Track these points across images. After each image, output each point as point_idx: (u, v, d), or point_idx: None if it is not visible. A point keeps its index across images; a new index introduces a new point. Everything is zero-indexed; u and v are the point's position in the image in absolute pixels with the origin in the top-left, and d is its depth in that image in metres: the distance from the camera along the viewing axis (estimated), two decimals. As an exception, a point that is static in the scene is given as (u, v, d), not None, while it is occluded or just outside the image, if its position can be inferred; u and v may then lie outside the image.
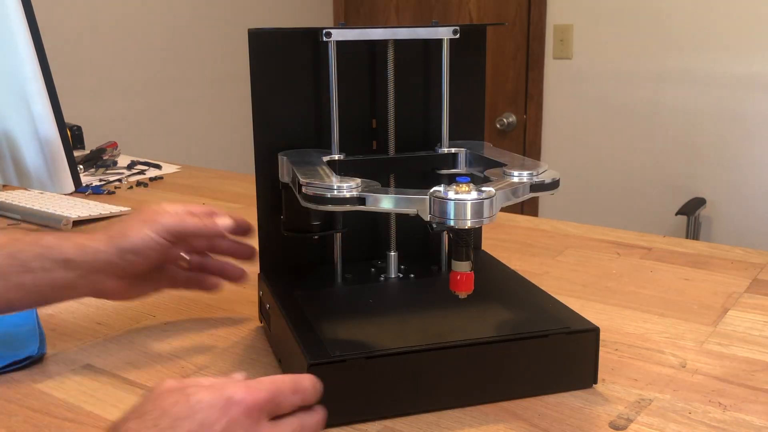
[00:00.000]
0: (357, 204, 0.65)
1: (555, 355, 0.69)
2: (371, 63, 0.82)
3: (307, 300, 0.76)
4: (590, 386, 0.70)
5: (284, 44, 0.79)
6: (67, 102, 1.08)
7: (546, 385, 0.69)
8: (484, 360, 0.67)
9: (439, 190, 0.62)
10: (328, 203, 0.65)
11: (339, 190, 0.65)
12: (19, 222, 1.31)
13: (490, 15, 3.03)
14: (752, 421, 0.65)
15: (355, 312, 0.75)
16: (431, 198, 0.62)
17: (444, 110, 0.81)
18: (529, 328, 0.70)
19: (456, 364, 0.67)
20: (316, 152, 0.79)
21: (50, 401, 0.70)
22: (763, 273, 1.00)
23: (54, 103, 1.01)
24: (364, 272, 0.84)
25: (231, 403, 0.51)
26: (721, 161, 2.63)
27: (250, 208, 0.80)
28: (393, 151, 0.82)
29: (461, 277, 0.66)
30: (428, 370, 0.66)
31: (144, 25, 2.67)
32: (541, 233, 1.20)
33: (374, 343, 0.67)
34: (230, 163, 2.79)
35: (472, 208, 0.61)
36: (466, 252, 0.66)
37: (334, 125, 0.78)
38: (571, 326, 0.70)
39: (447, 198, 0.61)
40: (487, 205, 0.62)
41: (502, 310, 0.76)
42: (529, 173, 0.69)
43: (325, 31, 0.75)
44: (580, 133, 2.91)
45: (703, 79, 2.60)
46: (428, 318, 0.74)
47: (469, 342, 0.67)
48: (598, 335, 0.70)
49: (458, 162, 0.82)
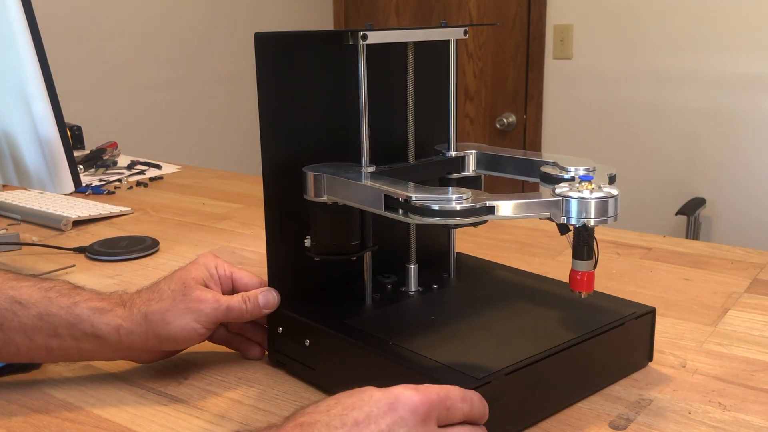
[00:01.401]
0: (486, 214, 0.61)
1: (627, 340, 0.72)
2: (384, 67, 0.77)
3: (370, 325, 0.70)
4: (646, 365, 0.75)
5: (295, 48, 0.72)
6: (67, 102, 1.08)
7: (619, 370, 0.72)
8: (583, 357, 0.69)
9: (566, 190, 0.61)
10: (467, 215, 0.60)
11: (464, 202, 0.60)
12: (19, 222, 1.31)
13: (490, 15, 3.03)
14: (752, 421, 0.65)
15: (435, 330, 0.70)
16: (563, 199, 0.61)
17: (451, 113, 0.80)
18: (604, 320, 0.71)
19: (565, 366, 0.67)
20: (345, 166, 0.72)
21: (50, 401, 0.70)
22: (763, 273, 1.00)
23: (54, 103, 1.01)
24: (381, 289, 0.79)
25: (398, 400, 0.51)
26: (721, 161, 2.63)
27: (250, 208, 0.79)
28: (412, 159, 0.79)
29: (581, 276, 0.65)
30: (549, 376, 0.66)
31: (144, 25, 2.67)
32: (541, 233, 1.20)
33: (497, 359, 0.63)
34: (230, 163, 2.79)
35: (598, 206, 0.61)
36: (589, 250, 0.64)
37: (364, 135, 0.71)
38: (635, 311, 0.73)
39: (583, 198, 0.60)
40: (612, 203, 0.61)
41: (563, 309, 0.75)
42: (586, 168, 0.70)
43: (361, 34, 0.69)
44: (580, 133, 2.91)
45: (703, 79, 2.60)
46: (512, 326, 0.72)
47: (575, 341, 0.67)
48: (654, 315, 0.75)
49: (467, 164, 0.81)
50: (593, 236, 0.64)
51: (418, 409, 0.51)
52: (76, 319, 0.68)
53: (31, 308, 0.68)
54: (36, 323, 0.68)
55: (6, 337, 0.68)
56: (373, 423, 0.50)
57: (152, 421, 0.66)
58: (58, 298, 0.69)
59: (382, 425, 0.50)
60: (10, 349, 0.69)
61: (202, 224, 1.29)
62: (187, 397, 0.70)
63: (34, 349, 0.69)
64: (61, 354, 0.70)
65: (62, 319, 0.68)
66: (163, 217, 1.34)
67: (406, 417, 0.51)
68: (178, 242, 1.18)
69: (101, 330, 0.69)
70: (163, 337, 0.69)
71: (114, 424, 0.66)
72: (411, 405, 0.51)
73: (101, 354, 0.71)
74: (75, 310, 0.69)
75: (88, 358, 0.73)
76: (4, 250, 1.15)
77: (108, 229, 1.26)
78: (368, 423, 0.50)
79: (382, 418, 0.50)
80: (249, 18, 2.98)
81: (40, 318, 0.68)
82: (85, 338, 0.69)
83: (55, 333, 0.68)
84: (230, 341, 0.78)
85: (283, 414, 0.66)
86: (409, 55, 0.76)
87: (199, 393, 0.71)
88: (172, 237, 1.21)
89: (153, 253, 1.13)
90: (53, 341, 0.69)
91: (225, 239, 1.20)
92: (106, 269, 1.06)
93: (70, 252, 1.13)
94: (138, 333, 0.69)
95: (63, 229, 1.25)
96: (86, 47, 2.49)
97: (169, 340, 0.70)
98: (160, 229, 1.25)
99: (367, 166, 0.72)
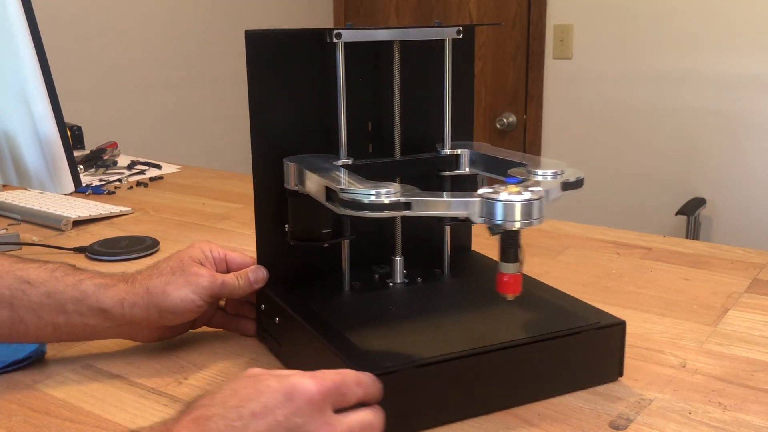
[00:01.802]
0: (403, 209, 0.62)
1: (586, 350, 0.70)
2: (373, 64, 0.81)
3: (327, 310, 0.74)
4: (616, 379, 0.72)
5: (283, 46, 0.76)
6: (67, 102, 1.08)
7: (578, 380, 0.70)
8: (524, 360, 0.67)
9: (489, 192, 0.61)
10: (366, 209, 0.62)
11: (378, 196, 0.62)
12: (19, 222, 1.31)
13: (490, 15, 3.03)
14: (752, 421, 0.65)
15: (383, 320, 0.73)
16: (483, 200, 0.61)
17: (446, 111, 0.80)
18: (560, 326, 0.70)
19: (498, 367, 0.66)
20: (323, 157, 0.76)
21: (50, 401, 0.70)
22: (763, 273, 1.00)
23: (54, 103, 1.01)
24: (368, 278, 0.82)
25: (295, 390, 0.52)
26: (721, 161, 2.63)
27: (250, 208, 0.80)
28: (398, 154, 0.81)
29: (509, 278, 0.65)
30: (473, 375, 0.65)
31: (144, 25, 2.67)
32: (541, 233, 1.20)
33: (418, 351, 0.65)
34: (230, 163, 2.79)
35: (523, 208, 0.60)
36: (514, 253, 0.65)
37: (341, 129, 0.76)
38: (600, 321, 0.71)
39: (498, 199, 0.60)
40: (536, 205, 0.61)
41: (527, 310, 0.75)
42: (553, 172, 0.69)
43: (335, 32, 0.73)
44: (580, 133, 2.91)
45: (702, 79, 2.60)
46: (460, 322, 0.73)
47: (511, 344, 0.67)
48: (624, 329, 0.72)
49: (461, 163, 0.82)
50: (519, 239, 0.64)
51: (314, 398, 0.52)
52: (83, 294, 0.72)
53: (39, 287, 0.72)
54: (44, 301, 0.71)
55: (16, 316, 0.71)
56: (270, 414, 0.51)
57: (152, 421, 0.66)
58: (64, 277, 0.73)
59: (279, 416, 0.51)
60: (20, 327, 0.72)
61: (202, 224, 1.29)
62: (187, 397, 0.70)
63: (42, 327, 0.72)
64: (67, 331, 0.73)
65: (69, 296, 0.72)
66: (163, 217, 1.34)
67: (302, 407, 0.52)
68: (178, 242, 1.18)
69: (106, 303, 0.72)
70: (164, 309, 0.73)
71: (114, 424, 0.66)
72: (307, 395, 0.52)
73: (105, 330, 0.74)
74: (81, 286, 0.72)
75: (91, 334, 0.76)
76: (4, 250, 1.15)
77: (108, 229, 1.26)
78: (265, 414, 0.51)
79: (279, 409, 0.51)
80: (249, 18, 2.98)
81: (48, 296, 0.72)
82: (91, 313, 0.72)
83: (62, 309, 0.72)
84: (228, 323, 0.83)
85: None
86: (395, 54, 0.78)
87: (199, 393, 0.71)
88: (172, 237, 1.21)
89: (153, 253, 1.13)
90: (60, 318, 0.72)
91: (225, 239, 1.20)
92: (106, 269, 1.06)
93: (70, 252, 1.13)
94: (140, 305, 0.73)
95: (63, 229, 1.25)
96: (86, 47, 2.49)
97: (169, 311, 0.73)
98: (160, 229, 1.25)
99: (345, 158, 0.76)
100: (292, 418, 0.51)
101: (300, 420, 0.52)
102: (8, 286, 0.71)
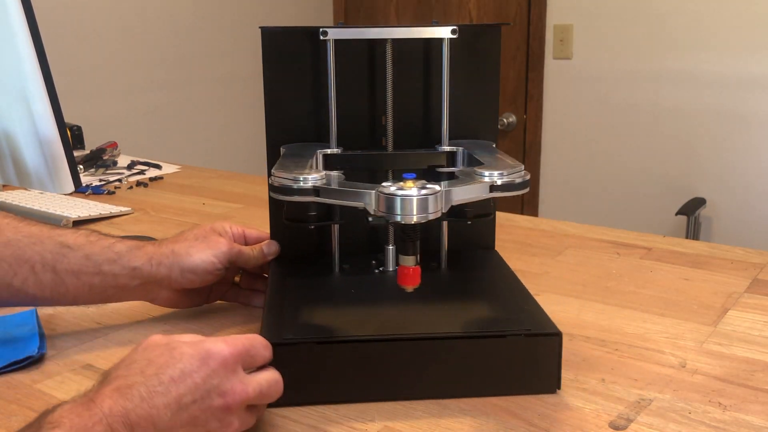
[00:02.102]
0: (313, 195, 0.69)
1: (513, 356, 0.68)
2: (376, 61, 0.84)
3: (295, 286, 0.80)
4: (554, 392, 0.69)
5: (295, 42, 0.82)
6: (67, 102, 1.08)
7: (506, 386, 0.69)
8: (437, 355, 0.68)
9: (387, 186, 0.65)
10: (289, 194, 0.69)
11: (301, 182, 0.69)
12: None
13: (490, 15, 3.03)
14: (752, 421, 0.65)
15: (331, 300, 0.78)
16: (377, 193, 0.65)
17: (444, 109, 0.81)
18: (491, 327, 0.70)
19: (407, 357, 0.68)
20: (315, 146, 0.82)
21: (50, 401, 0.70)
22: (763, 273, 1.00)
23: (54, 103, 1.01)
24: (365, 265, 0.86)
25: (209, 355, 0.57)
26: (721, 161, 2.63)
27: (250, 208, 0.80)
28: (391, 148, 0.84)
29: (407, 271, 0.69)
30: (378, 360, 0.68)
31: (144, 25, 2.67)
32: (541, 233, 1.20)
33: (330, 330, 0.70)
34: (230, 163, 2.79)
35: (418, 203, 0.63)
36: (412, 247, 0.68)
37: (332, 120, 0.81)
38: (532, 329, 0.69)
39: (393, 194, 0.64)
40: (432, 201, 0.64)
41: (476, 308, 0.77)
42: (499, 173, 0.70)
43: (321, 30, 0.78)
44: (580, 133, 2.92)
45: (703, 79, 2.60)
46: (396, 310, 0.75)
47: (420, 336, 0.68)
48: (560, 340, 0.68)
49: (457, 160, 0.83)
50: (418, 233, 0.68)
51: (227, 360, 0.57)
52: (116, 255, 0.79)
53: (78, 250, 0.78)
54: (83, 263, 0.78)
55: (58, 278, 0.77)
56: (188, 378, 0.55)
57: (152, 421, 0.66)
58: (98, 241, 0.80)
59: (197, 379, 0.55)
60: (61, 289, 0.78)
61: (202, 224, 1.29)
62: (187, 397, 0.70)
63: (80, 287, 0.78)
64: (100, 291, 0.79)
65: (105, 257, 0.78)
66: (163, 217, 1.34)
67: (217, 369, 0.56)
68: (178, 242, 1.18)
69: (137, 261, 0.79)
70: (185, 268, 0.80)
71: (114, 424, 0.66)
72: (221, 357, 0.57)
73: (133, 290, 0.81)
74: (114, 248, 0.80)
75: (121, 295, 0.81)
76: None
77: (108, 230, 1.26)
78: (184, 379, 0.55)
79: (196, 373, 0.56)
80: (249, 18, 2.98)
81: (87, 258, 0.78)
82: (124, 272, 0.79)
83: (98, 270, 0.78)
84: (239, 296, 0.90)
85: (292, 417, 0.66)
86: (388, 52, 0.82)
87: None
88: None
89: (153, 253, 1.13)
90: (96, 278, 0.78)
91: (225, 239, 1.20)
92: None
93: (70, 252, 1.13)
94: (165, 264, 0.80)
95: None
96: (86, 47, 2.49)
97: (190, 271, 0.80)
98: (160, 229, 1.25)
99: (335, 147, 0.82)
100: (209, 380, 0.56)
101: (216, 381, 0.56)
102: (50, 250, 0.77)
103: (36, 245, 0.77)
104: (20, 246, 0.76)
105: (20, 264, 0.76)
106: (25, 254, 0.76)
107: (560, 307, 0.89)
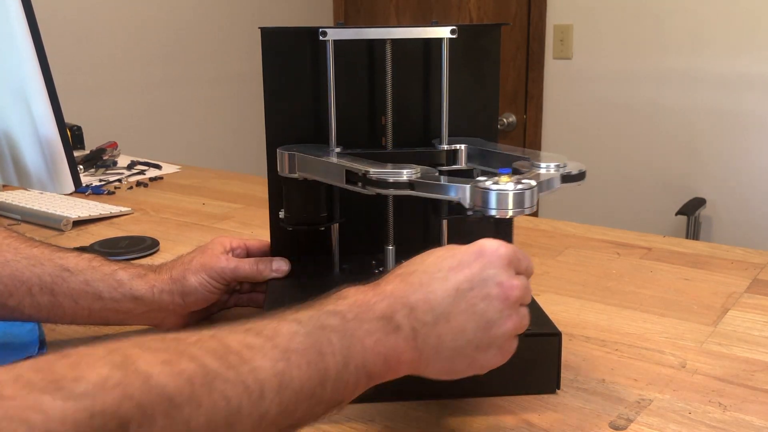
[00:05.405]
0: (408, 189, 0.68)
1: (513, 356, 0.66)
2: (376, 62, 0.84)
3: (295, 286, 0.81)
4: (553, 392, 0.69)
5: (294, 42, 0.82)
6: (67, 102, 1.08)
7: (506, 386, 0.69)
8: None
9: (482, 180, 0.64)
10: (384, 187, 0.69)
11: (400, 176, 0.68)
12: (19, 222, 1.31)
13: (490, 15, 3.03)
14: (752, 421, 0.65)
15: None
16: (473, 187, 0.64)
17: (443, 108, 0.82)
18: None
19: None
20: (317, 147, 0.82)
21: (50, 401, 0.70)
22: (763, 273, 1.00)
23: (54, 103, 1.01)
24: (365, 265, 0.86)
25: (485, 249, 0.58)
26: (721, 161, 2.63)
27: (250, 208, 0.80)
28: (390, 147, 0.84)
29: None
30: None
31: (144, 25, 2.67)
32: (541, 233, 1.20)
33: None
34: (230, 163, 2.79)
35: (514, 198, 0.63)
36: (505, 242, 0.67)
37: (332, 120, 0.81)
38: (532, 329, 0.67)
39: (489, 188, 0.63)
40: (528, 195, 0.63)
41: None
42: (556, 165, 0.71)
43: (321, 30, 0.78)
44: (580, 133, 2.92)
45: (703, 79, 2.60)
46: None
47: None
48: (560, 340, 0.69)
49: (458, 158, 0.83)
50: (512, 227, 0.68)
51: (502, 255, 0.58)
52: (118, 283, 0.78)
53: (79, 275, 0.77)
54: (82, 288, 0.77)
55: (56, 301, 0.77)
56: (466, 268, 0.57)
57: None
58: (100, 267, 0.79)
59: (474, 268, 0.57)
60: (57, 311, 0.77)
61: (202, 224, 1.29)
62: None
63: (78, 311, 0.78)
64: (100, 316, 0.79)
65: (106, 284, 0.78)
66: (163, 217, 1.34)
67: (493, 260, 0.58)
68: (178, 242, 1.18)
69: (140, 290, 0.79)
70: (185, 292, 0.80)
71: (114, 424, 0.66)
72: (496, 252, 0.58)
73: (136, 316, 0.80)
74: (116, 276, 0.79)
75: (123, 320, 0.81)
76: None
77: (108, 230, 1.27)
78: (461, 268, 0.57)
79: (474, 263, 0.57)
80: (249, 18, 2.98)
81: (87, 283, 0.77)
82: (125, 300, 0.78)
83: (98, 296, 0.78)
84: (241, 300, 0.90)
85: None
86: (387, 52, 0.82)
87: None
88: (172, 237, 1.21)
89: (153, 253, 1.13)
90: (96, 304, 0.78)
91: (225, 239, 1.20)
92: (106, 269, 1.06)
93: (70, 252, 1.13)
94: (167, 291, 0.80)
95: (63, 230, 1.25)
96: (86, 47, 2.49)
97: (190, 294, 0.80)
98: (160, 229, 1.25)
99: (335, 147, 0.81)
100: (485, 269, 0.57)
101: (492, 271, 0.57)
102: (50, 273, 0.76)
103: (35, 267, 0.76)
104: (18, 267, 0.76)
105: (17, 285, 0.75)
106: (23, 275, 0.76)
107: (560, 307, 0.89)
